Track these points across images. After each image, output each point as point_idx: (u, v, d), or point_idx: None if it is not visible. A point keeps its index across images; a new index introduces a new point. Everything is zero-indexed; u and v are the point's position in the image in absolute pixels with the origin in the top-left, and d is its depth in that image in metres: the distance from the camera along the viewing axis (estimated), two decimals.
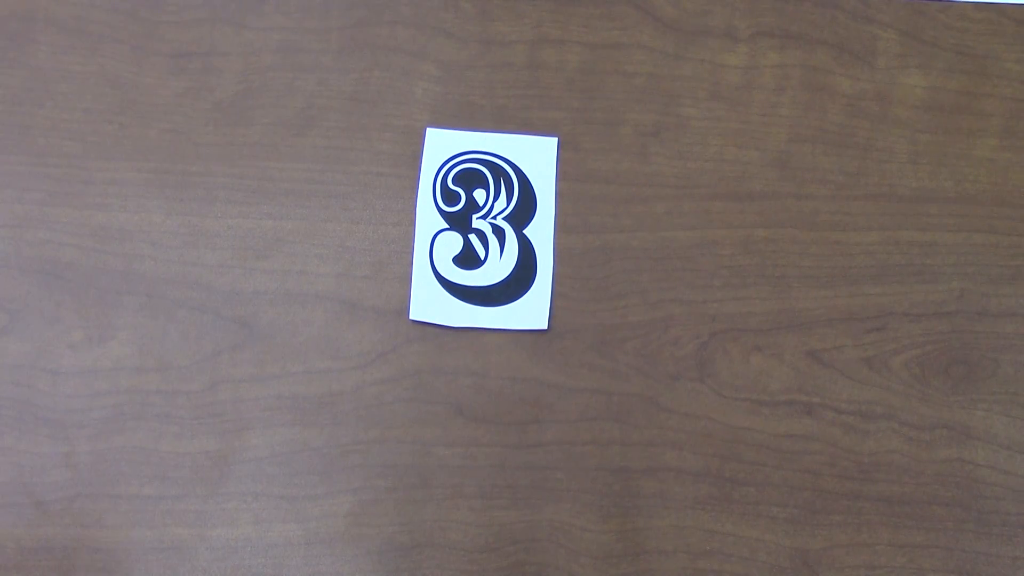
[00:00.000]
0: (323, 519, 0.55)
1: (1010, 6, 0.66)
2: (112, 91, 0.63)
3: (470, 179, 0.61)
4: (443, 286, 0.59)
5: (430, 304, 0.59)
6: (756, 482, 0.57)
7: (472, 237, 0.60)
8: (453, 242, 0.60)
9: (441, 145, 0.61)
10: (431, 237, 0.60)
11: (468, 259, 0.60)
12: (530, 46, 0.64)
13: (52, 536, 0.55)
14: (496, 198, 0.60)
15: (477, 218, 0.60)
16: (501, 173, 0.61)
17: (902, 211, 0.62)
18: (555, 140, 0.62)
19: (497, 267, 0.59)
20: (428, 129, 0.62)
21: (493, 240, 0.60)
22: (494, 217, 0.60)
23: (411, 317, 0.58)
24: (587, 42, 0.64)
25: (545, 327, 0.58)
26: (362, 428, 0.57)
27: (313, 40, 0.64)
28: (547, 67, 0.64)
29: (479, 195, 0.60)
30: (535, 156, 0.61)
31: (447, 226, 0.60)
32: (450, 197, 0.60)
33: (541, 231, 0.60)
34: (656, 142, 0.62)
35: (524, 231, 0.60)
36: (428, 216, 0.60)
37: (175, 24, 0.64)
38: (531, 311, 0.59)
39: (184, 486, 0.56)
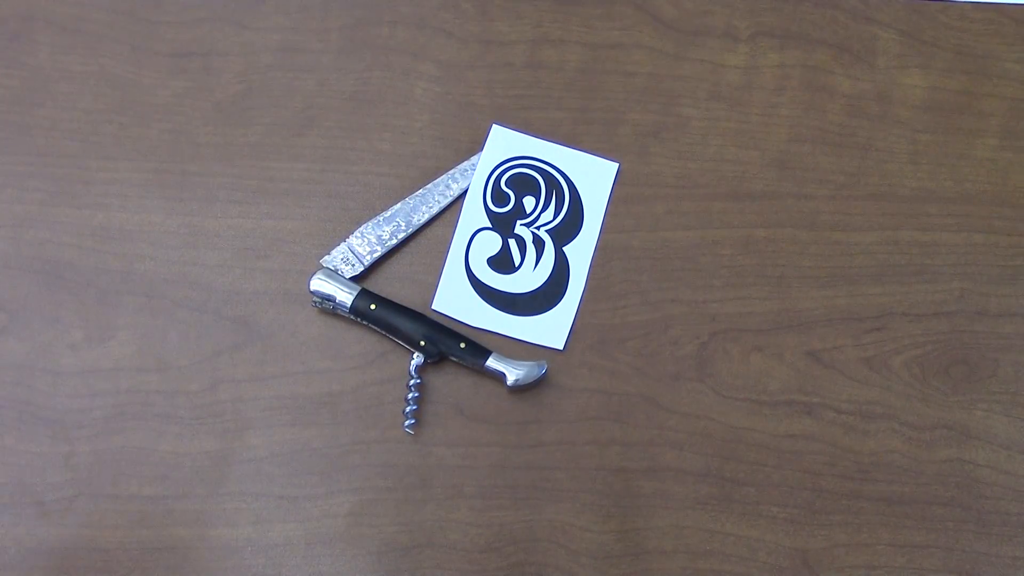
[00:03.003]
0: (323, 519, 0.55)
1: (1010, 6, 0.66)
2: (112, 91, 0.63)
3: (523, 184, 0.61)
4: (471, 284, 0.59)
5: (454, 299, 0.58)
6: (756, 482, 0.57)
7: (511, 242, 0.59)
8: (491, 242, 0.60)
9: (503, 144, 0.61)
10: (471, 233, 0.60)
11: (502, 262, 0.59)
12: (530, 46, 0.64)
13: (52, 536, 0.55)
14: (544, 208, 0.60)
15: (521, 224, 0.60)
16: (555, 185, 0.60)
17: (902, 211, 0.62)
18: (615, 166, 0.61)
19: (529, 277, 0.59)
20: (493, 126, 0.61)
21: (531, 249, 0.59)
22: (538, 227, 0.60)
23: (433, 307, 0.58)
24: (587, 42, 0.64)
25: (562, 348, 0.58)
26: (362, 428, 0.57)
27: (313, 40, 0.64)
28: (547, 67, 0.64)
29: (528, 202, 0.60)
30: (592, 177, 0.61)
31: (490, 225, 0.60)
32: (500, 198, 0.60)
33: (580, 252, 0.60)
34: (656, 142, 0.62)
35: (564, 247, 0.59)
36: (474, 212, 0.60)
37: (175, 24, 0.64)
38: (551, 329, 0.58)
39: (184, 486, 0.56)
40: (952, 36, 0.65)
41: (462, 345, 0.56)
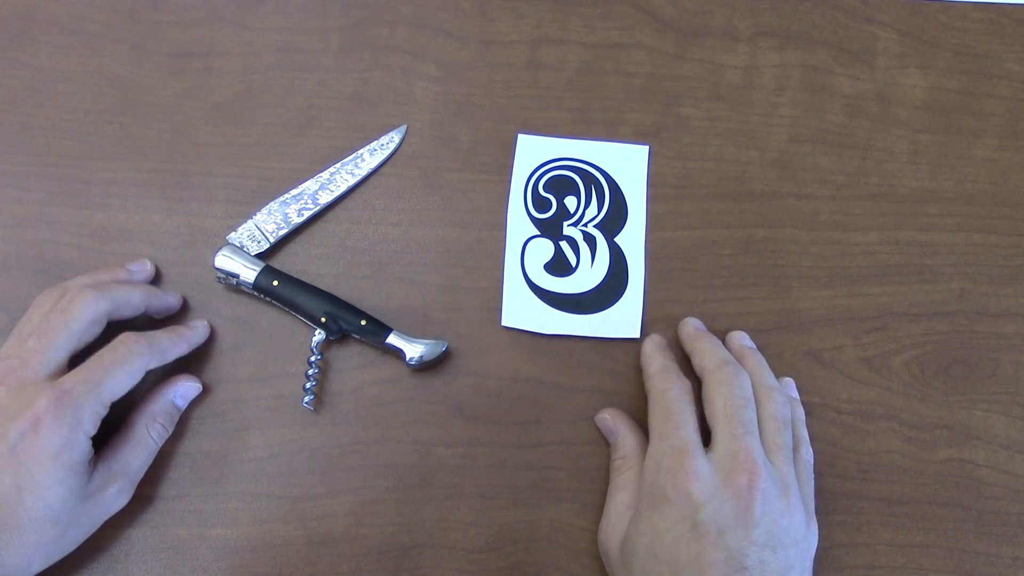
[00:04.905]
0: (323, 519, 0.55)
1: (1010, 6, 0.66)
2: (112, 91, 0.63)
3: (561, 186, 0.61)
4: (535, 293, 0.59)
5: (522, 311, 0.58)
6: None
7: (563, 244, 0.59)
8: (544, 249, 0.60)
9: (532, 151, 0.61)
10: (522, 244, 0.60)
11: (559, 266, 0.59)
12: (530, 46, 0.64)
13: None
14: (587, 205, 0.60)
15: (568, 225, 0.60)
16: (592, 180, 0.60)
17: (902, 211, 0.62)
18: (646, 148, 0.61)
19: (588, 275, 0.59)
20: (519, 135, 0.61)
21: (584, 247, 0.59)
22: (585, 224, 0.60)
23: (503, 324, 0.58)
24: (587, 42, 0.64)
25: (638, 336, 0.58)
26: (362, 428, 0.57)
27: (313, 40, 0.64)
28: (547, 67, 0.64)
29: (570, 202, 0.60)
30: (626, 164, 0.61)
31: (538, 233, 0.60)
32: (541, 204, 0.60)
33: (632, 239, 0.60)
34: (656, 142, 0.62)
35: (615, 239, 0.59)
36: (519, 223, 0.60)
37: (175, 24, 0.64)
38: (623, 320, 0.58)
39: (184, 486, 0.56)
40: (952, 36, 0.65)
41: (363, 322, 0.56)
